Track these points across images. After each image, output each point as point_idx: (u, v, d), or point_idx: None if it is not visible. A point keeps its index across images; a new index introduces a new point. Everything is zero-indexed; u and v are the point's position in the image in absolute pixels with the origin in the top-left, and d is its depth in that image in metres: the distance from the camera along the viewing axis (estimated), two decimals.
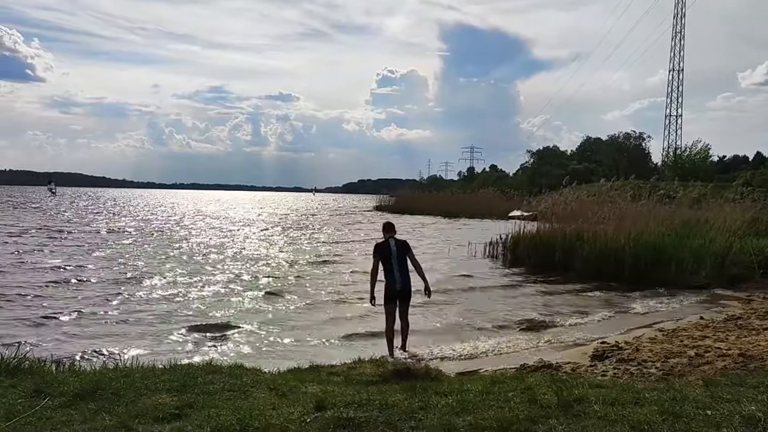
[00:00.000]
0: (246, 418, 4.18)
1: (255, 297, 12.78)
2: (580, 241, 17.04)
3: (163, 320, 10.32)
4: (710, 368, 7.18)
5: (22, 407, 4.28)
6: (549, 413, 4.38)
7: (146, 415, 4.25)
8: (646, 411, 4.37)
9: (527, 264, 18.53)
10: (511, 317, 11.49)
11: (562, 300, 13.55)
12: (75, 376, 5.25)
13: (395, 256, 8.37)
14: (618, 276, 15.55)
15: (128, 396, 4.63)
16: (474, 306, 12.53)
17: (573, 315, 11.80)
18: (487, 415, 4.35)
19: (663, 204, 20.05)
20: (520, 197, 40.66)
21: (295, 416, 4.30)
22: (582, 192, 21.27)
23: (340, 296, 13.05)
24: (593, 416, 4.30)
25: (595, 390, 4.98)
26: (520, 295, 14.05)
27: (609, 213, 17.82)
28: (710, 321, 10.74)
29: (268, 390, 5.05)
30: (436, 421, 4.27)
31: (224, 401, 4.66)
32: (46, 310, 10.74)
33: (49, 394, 4.58)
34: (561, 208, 19.70)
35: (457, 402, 4.68)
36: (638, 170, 34.17)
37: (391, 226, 8.78)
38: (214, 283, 14.31)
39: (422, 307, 11.95)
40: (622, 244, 16.06)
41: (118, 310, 10.95)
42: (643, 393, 4.89)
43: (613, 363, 7.84)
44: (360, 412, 4.41)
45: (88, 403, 4.44)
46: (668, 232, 16.80)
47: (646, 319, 11.43)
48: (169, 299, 12.21)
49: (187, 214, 50.32)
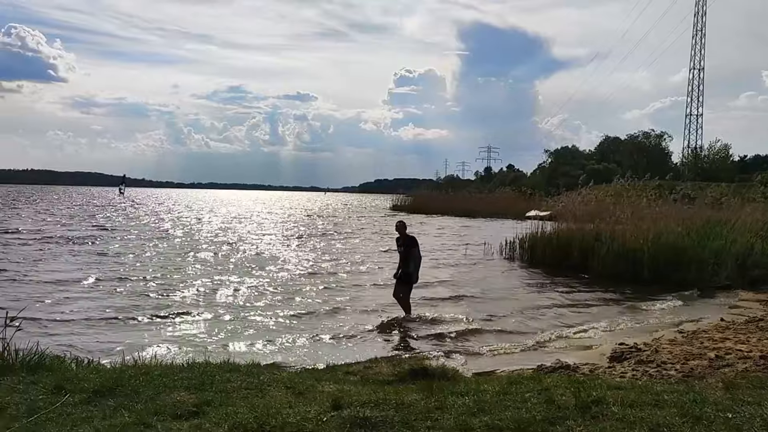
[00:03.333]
0: (263, 416, 4.20)
1: (273, 299, 12.83)
2: (598, 241, 16.89)
3: (182, 318, 10.41)
4: (731, 370, 7.08)
5: (44, 404, 4.34)
6: (566, 414, 4.35)
7: (165, 412, 4.29)
8: (666, 413, 4.32)
9: (544, 264, 18.41)
10: (526, 317, 11.43)
11: (579, 300, 13.44)
12: (95, 373, 5.30)
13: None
14: (636, 277, 15.39)
15: (147, 393, 4.67)
16: (488, 305, 12.47)
17: (590, 315, 11.70)
18: (504, 415, 4.33)
19: (683, 204, 19.83)
20: (537, 197, 40.44)
21: (312, 415, 4.32)
22: (600, 192, 21.09)
23: (358, 298, 13.03)
24: (611, 418, 4.26)
25: (613, 391, 4.93)
26: (535, 295, 13.95)
27: (627, 213, 17.64)
28: (731, 323, 10.58)
29: (284, 388, 5.07)
30: (452, 421, 4.26)
31: (241, 399, 4.69)
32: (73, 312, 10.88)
33: (69, 390, 4.63)
34: (578, 208, 19.56)
35: (473, 402, 4.66)
36: (658, 170, 33.81)
37: (402, 225, 11.07)
38: (237, 284, 14.41)
39: (440, 305, 11.96)
40: (640, 244, 15.88)
41: (141, 304, 11.07)
42: (663, 395, 4.84)
43: (631, 364, 7.76)
44: (376, 411, 4.41)
45: (107, 399, 4.49)
46: (688, 232, 16.59)
47: (666, 321, 11.29)
48: (190, 298, 12.33)
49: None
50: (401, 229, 11.00)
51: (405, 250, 10.82)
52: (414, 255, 10.79)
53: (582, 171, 43.32)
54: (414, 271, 10.84)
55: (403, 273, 10.87)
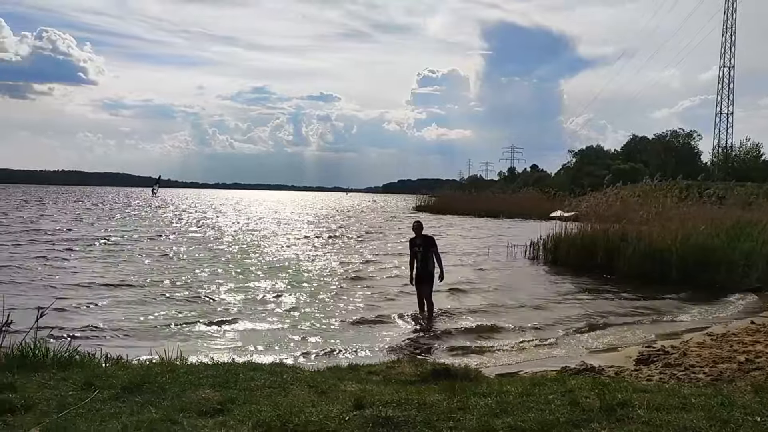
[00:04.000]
0: (286, 415, 4.23)
1: (298, 296, 12.92)
2: (624, 241, 16.67)
3: (207, 317, 10.55)
4: (761, 374, 6.94)
5: (73, 399, 4.43)
6: (591, 417, 4.30)
7: (191, 409, 4.35)
8: (693, 416, 4.25)
9: (568, 264, 18.23)
10: (550, 318, 11.34)
11: (604, 302, 13.28)
12: (123, 369, 5.40)
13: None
14: (664, 278, 15.16)
15: (173, 390, 4.74)
16: (511, 306, 12.41)
17: (616, 318, 11.55)
18: (527, 417, 4.30)
19: (712, 204, 19.47)
20: (561, 197, 40.05)
21: (334, 414, 4.34)
22: (625, 192, 20.79)
23: (383, 298, 13.04)
24: (637, 421, 4.20)
25: (639, 394, 4.87)
26: (560, 297, 13.82)
27: (654, 213, 17.38)
28: (762, 325, 10.35)
29: (307, 387, 5.10)
30: (474, 422, 4.24)
31: (265, 398, 4.73)
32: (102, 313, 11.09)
33: (98, 387, 4.72)
34: (603, 208, 19.33)
35: (496, 403, 4.64)
36: (687, 170, 33.26)
37: (418, 224, 11.19)
38: (259, 281, 14.55)
39: (462, 305, 11.93)
40: (668, 245, 15.64)
41: (169, 306, 11.25)
42: (690, 398, 4.76)
43: (658, 367, 7.66)
44: (398, 411, 4.41)
45: (135, 396, 4.57)
46: (717, 233, 16.28)
47: (694, 323, 11.11)
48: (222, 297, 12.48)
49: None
50: (418, 230, 11.04)
51: (423, 250, 10.87)
52: (434, 254, 10.87)
53: (607, 171, 42.67)
54: (435, 268, 10.88)
55: (425, 273, 10.88)
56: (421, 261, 10.91)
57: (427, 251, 10.87)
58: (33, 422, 3.97)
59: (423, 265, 10.89)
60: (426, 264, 10.86)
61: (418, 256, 10.93)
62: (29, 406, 4.26)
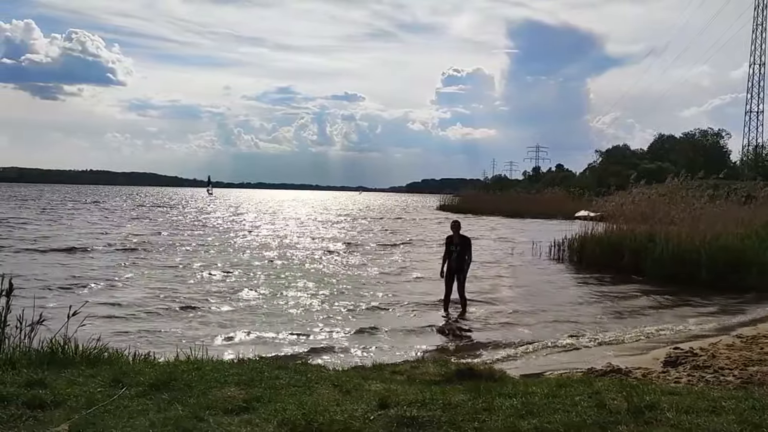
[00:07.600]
0: (311, 413, 4.25)
1: (320, 296, 12.97)
2: (652, 242, 16.41)
3: (237, 312, 10.64)
4: None
5: (101, 396, 4.50)
6: (618, 419, 4.24)
7: (216, 406, 4.39)
8: (723, 420, 4.17)
9: (594, 265, 18.02)
10: (576, 319, 11.22)
11: (631, 303, 13.10)
12: (150, 367, 5.47)
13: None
14: (692, 279, 14.88)
15: (199, 388, 4.79)
16: (537, 306, 12.30)
17: (643, 319, 11.39)
18: (553, 418, 4.25)
19: (742, 204, 19.08)
20: (587, 197, 39.61)
21: (359, 413, 4.34)
22: (652, 192, 20.48)
23: (409, 299, 12.99)
24: (666, 424, 4.14)
25: (667, 397, 4.79)
26: (585, 297, 13.67)
27: (683, 213, 17.09)
28: None
29: (332, 386, 5.11)
30: (500, 423, 4.21)
31: (290, 396, 4.75)
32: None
33: (126, 384, 4.79)
34: (630, 209, 19.06)
35: (522, 404, 4.59)
36: (716, 169, 32.59)
37: (456, 224, 11.34)
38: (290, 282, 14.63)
39: (488, 305, 11.87)
40: (697, 246, 15.36)
41: (198, 306, 11.38)
42: (720, 401, 4.67)
43: (687, 370, 7.52)
44: (423, 411, 4.40)
45: (162, 393, 4.62)
46: (748, 234, 15.94)
47: (723, 325, 10.90)
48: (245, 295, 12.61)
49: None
50: (456, 229, 11.11)
51: (461, 250, 11.01)
52: (468, 256, 11.08)
53: (634, 170, 42.05)
54: (467, 268, 11.20)
55: (460, 272, 11.09)
56: (456, 260, 11.03)
57: (464, 251, 11.02)
58: (62, 418, 4.04)
59: (458, 265, 11.03)
60: (461, 264, 11.03)
61: (453, 255, 11.06)
62: (59, 402, 4.33)
